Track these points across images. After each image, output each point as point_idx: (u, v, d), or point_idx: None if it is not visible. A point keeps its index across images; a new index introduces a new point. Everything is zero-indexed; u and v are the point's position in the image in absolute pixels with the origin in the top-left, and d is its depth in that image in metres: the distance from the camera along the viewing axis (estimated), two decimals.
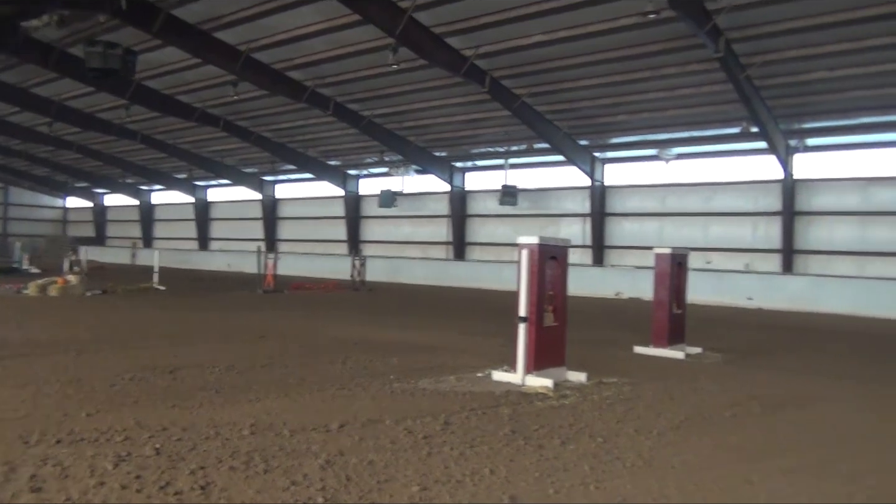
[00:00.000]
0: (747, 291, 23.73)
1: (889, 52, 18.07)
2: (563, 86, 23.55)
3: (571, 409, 6.86)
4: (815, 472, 5.06)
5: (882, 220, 23.11)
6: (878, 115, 22.06)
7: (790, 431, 6.39)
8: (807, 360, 11.66)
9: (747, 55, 19.19)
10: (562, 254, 8.74)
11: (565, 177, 30.34)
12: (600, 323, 16.42)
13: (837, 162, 24.41)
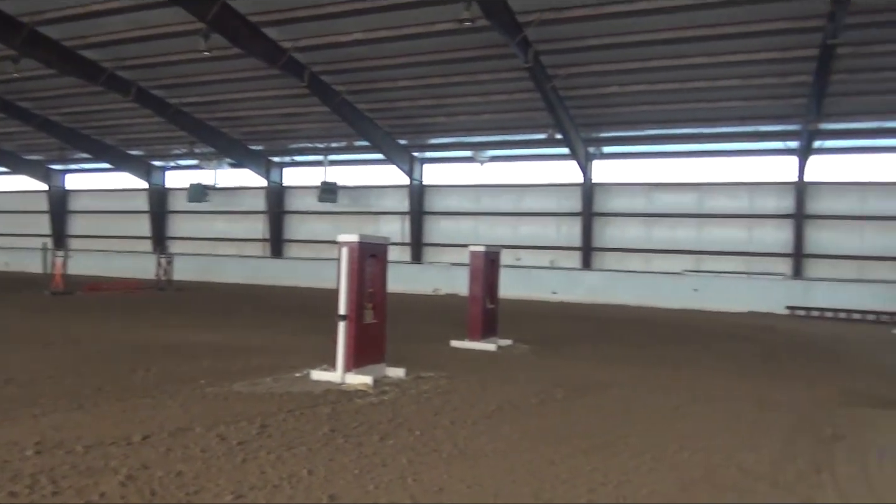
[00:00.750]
0: (552, 286, 25.66)
1: (671, 73, 20.45)
2: (382, 85, 23.76)
3: (391, 404, 6.94)
4: (610, 449, 5.57)
5: (663, 222, 26.15)
6: (661, 128, 24.88)
7: (589, 414, 6.99)
8: (604, 348, 12.84)
9: (553, 67, 20.69)
10: (381, 251, 8.81)
11: (385, 175, 30.68)
12: (419, 319, 16.81)
13: (628, 168, 27.20)
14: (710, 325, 18.55)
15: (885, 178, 23.39)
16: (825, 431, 6.59)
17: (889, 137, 22.85)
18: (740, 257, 24.83)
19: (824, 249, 23.91)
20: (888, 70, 18.92)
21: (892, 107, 20.92)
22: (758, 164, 25.24)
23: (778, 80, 20.24)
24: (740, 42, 18.31)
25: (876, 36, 17.23)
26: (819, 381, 9.83)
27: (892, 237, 22.99)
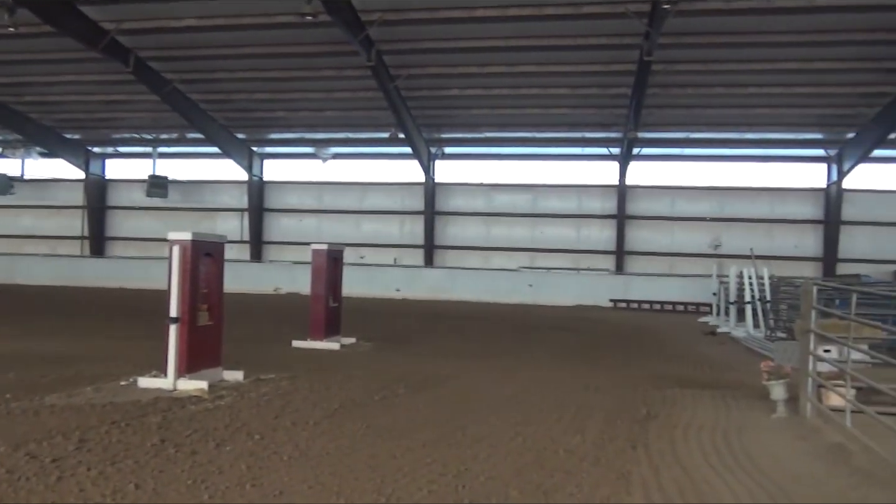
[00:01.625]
0: (395, 283, 25.91)
1: (506, 79, 21.43)
2: (218, 75, 22.66)
3: (228, 409, 6.66)
4: (449, 440, 5.75)
5: (501, 221, 27.36)
6: (498, 131, 25.98)
7: (430, 408, 7.15)
8: (446, 343, 13.20)
9: (396, 67, 20.87)
10: (218, 250, 8.41)
11: (222, 170, 29.24)
12: (260, 319, 16.25)
13: (469, 169, 28.08)
14: (544, 318, 19.69)
15: (693, 183, 26.20)
16: (641, 412, 7.26)
17: (696, 147, 25.60)
18: (570, 254, 26.62)
19: (641, 247, 26.30)
20: (694, 86, 21.16)
21: (699, 119, 23.42)
22: (585, 168, 27.21)
23: (601, 91, 21.93)
24: (568, 54, 19.61)
25: (685, 56, 19.22)
26: (637, 367, 10.81)
27: (697, 236, 25.79)
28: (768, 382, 6.93)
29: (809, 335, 6.81)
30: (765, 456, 5.57)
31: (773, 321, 15.19)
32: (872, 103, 21.02)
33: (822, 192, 25.25)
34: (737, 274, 18.45)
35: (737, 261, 21.14)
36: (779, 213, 25.50)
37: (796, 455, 5.58)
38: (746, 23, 17.20)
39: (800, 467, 5.21)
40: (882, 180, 24.93)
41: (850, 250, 24.59)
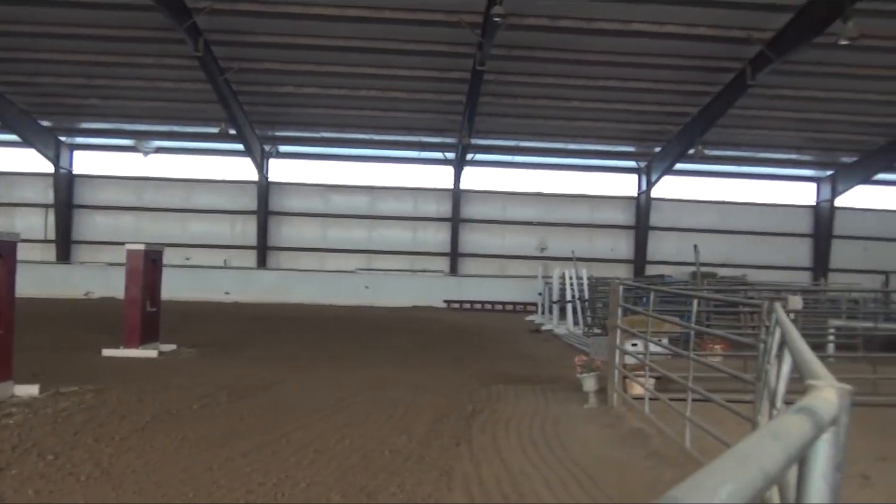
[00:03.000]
0: (225, 286, 24.67)
1: (343, 79, 21.20)
2: (20, 55, 20.27)
3: (17, 428, 5.91)
4: (272, 448, 5.53)
5: (338, 222, 27.05)
6: (335, 132, 25.66)
7: (254, 415, 6.85)
8: (277, 348, 12.74)
9: (226, 59, 19.89)
10: (8, 250, 7.47)
11: (22, 160, 26.14)
12: (66, 326, 14.68)
13: (305, 169, 27.44)
14: (380, 319, 19.72)
15: (522, 189, 27.59)
16: (467, 409, 7.47)
17: (525, 155, 27.00)
18: (406, 256, 26.94)
19: (475, 249, 27.27)
20: (523, 97, 22.29)
21: (528, 129, 24.71)
22: (422, 172, 27.67)
23: (437, 97, 22.44)
24: (406, 58, 19.83)
25: (515, 68, 20.19)
26: (467, 365, 11.13)
27: (526, 239, 27.23)
28: (581, 375, 7.43)
29: (616, 330, 7.40)
30: (576, 444, 5.95)
31: (590, 318, 16.37)
32: (676, 122, 23.43)
33: (634, 200, 27.71)
34: (559, 275, 19.68)
35: (561, 263, 22.56)
36: (597, 218, 27.61)
37: (603, 441, 6.02)
38: (570, 41, 18.42)
39: (605, 452, 5.63)
40: (683, 191, 27.87)
41: (657, 253, 27.23)
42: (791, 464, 0.95)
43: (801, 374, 1.90)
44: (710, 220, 27.50)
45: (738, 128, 23.26)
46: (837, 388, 1.27)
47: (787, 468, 0.92)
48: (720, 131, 22.94)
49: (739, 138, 24.34)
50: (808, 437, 1.02)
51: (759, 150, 25.63)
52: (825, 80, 19.72)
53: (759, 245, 27.52)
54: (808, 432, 1.02)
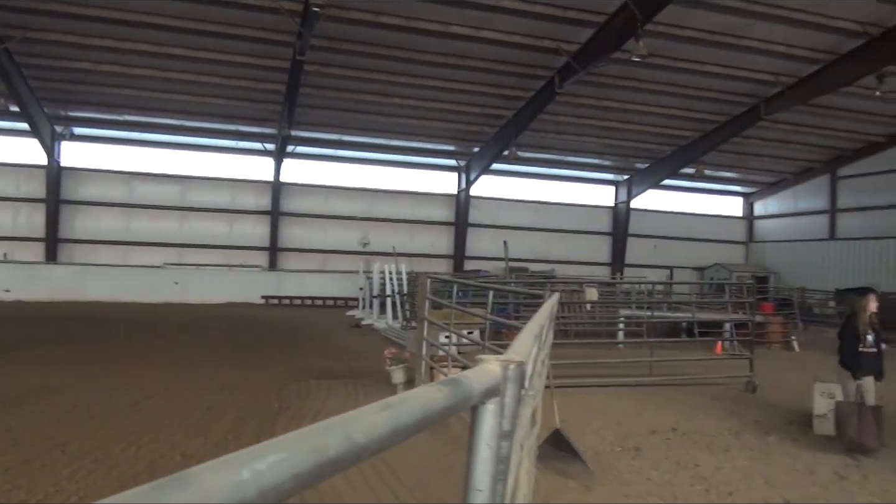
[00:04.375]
0: (4, 283, 21.82)
1: (149, 59, 19.56)
2: None
3: None
4: (42, 461, 4.95)
5: (144, 213, 25.00)
6: (141, 115, 23.63)
7: (25, 426, 6.08)
8: (62, 351, 11.46)
9: (7, 27, 17.55)
10: None
11: None
12: None
13: (105, 154, 24.99)
14: (190, 317, 18.54)
15: (345, 183, 27.34)
16: (273, 406, 7.22)
17: (348, 149, 26.76)
18: (222, 250, 25.58)
19: (295, 244, 26.58)
20: (347, 91, 22.03)
21: (351, 123, 24.47)
22: (239, 162, 26.40)
23: (254, 85, 21.47)
24: (220, 41, 18.72)
25: (337, 60, 19.87)
26: (281, 362, 10.79)
27: (349, 234, 27.03)
28: (390, 368, 7.49)
29: (424, 323, 7.54)
30: None
31: (409, 312, 16.62)
32: (493, 123, 24.51)
33: (454, 197, 28.61)
34: (380, 270, 19.77)
35: (383, 258, 22.68)
36: (419, 214, 28.15)
37: None
38: (392, 38, 18.49)
39: (408, 441, 5.69)
40: (499, 190, 29.28)
41: (475, 249, 28.36)
42: (403, 433, 0.97)
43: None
44: (524, 218, 29.17)
45: (548, 132, 24.87)
46: (502, 361, 1.34)
47: (393, 437, 0.93)
48: (532, 134, 24.39)
49: (549, 142, 26.03)
50: (441, 407, 1.06)
51: (566, 153, 27.60)
52: (622, 92, 21.68)
53: (567, 242, 29.69)
54: (440, 402, 1.06)
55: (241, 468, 0.71)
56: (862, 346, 7.20)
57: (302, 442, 0.81)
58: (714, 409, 8.79)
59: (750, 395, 9.88)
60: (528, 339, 2.10)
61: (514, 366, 1.35)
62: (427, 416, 1.04)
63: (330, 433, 0.85)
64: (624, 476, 5.95)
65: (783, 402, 9.28)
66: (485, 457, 1.26)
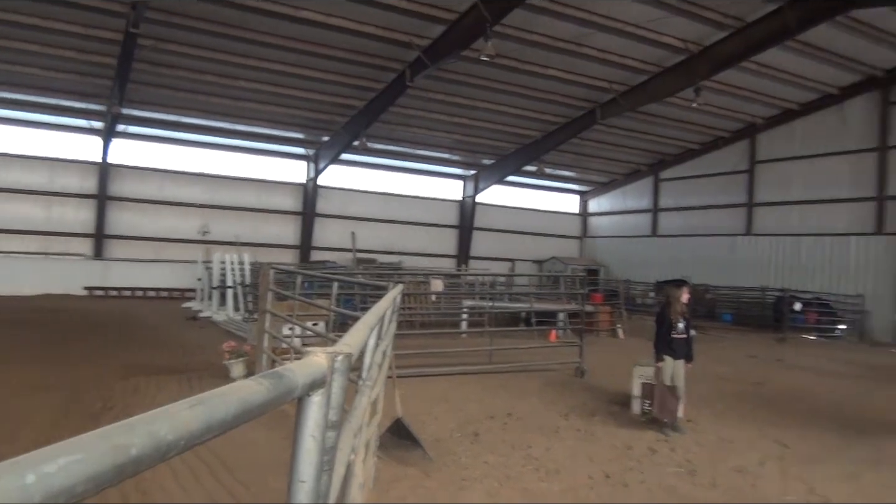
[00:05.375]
0: None
1: None
2: None
3: None
4: None
5: None
6: None
7: None
8: None
9: None
10: None
11: None
12: None
13: None
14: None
15: (183, 168, 25.72)
16: (96, 406, 6.68)
17: (187, 131, 25.16)
18: (38, 237, 23.09)
19: (125, 231, 24.58)
20: (186, 70, 20.68)
21: (190, 104, 22.97)
22: (61, 140, 23.91)
23: (80, 56, 19.48)
24: (39, 6, 16.82)
25: (175, 36, 18.59)
26: (107, 358, 9.96)
27: (187, 221, 25.48)
28: (228, 361, 7.19)
29: (266, 315, 7.32)
30: None
31: (251, 304, 16.03)
32: (344, 113, 24.20)
33: (302, 186, 27.96)
34: (220, 260, 18.88)
35: (225, 247, 21.66)
36: (265, 203, 27.18)
37: (246, 426, 5.89)
38: (236, 17, 17.61)
39: (246, 436, 5.51)
40: (349, 180, 29.03)
41: (323, 240, 27.93)
42: (218, 428, 0.96)
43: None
44: (373, 209, 29.16)
45: (399, 125, 25.02)
46: (329, 353, 1.36)
47: (206, 433, 0.93)
48: (383, 126, 24.43)
49: (400, 134, 26.20)
50: (261, 401, 1.06)
51: (416, 146, 27.93)
52: (471, 90, 22.31)
53: (415, 234, 30.09)
54: (260, 395, 1.07)
55: (27, 472, 0.68)
56: (674, 333, 7.99)
57: (101, 441, 0.78)
58: (546, 394, 9.36)
59: (579, 379, 10.63)
60: (362, 331, 2.11)
61: (341, 357, 1.36)
62: (246, 411, 1.02)
63: (133, 431, 0.82)
64: (462, 460, 6.17)
65: (608, 385, 10.07)
66: (309, 448, 1.26)
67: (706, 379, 10.79)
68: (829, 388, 11.25)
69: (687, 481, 5.95)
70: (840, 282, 22.79)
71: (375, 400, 4.11)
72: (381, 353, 3.74)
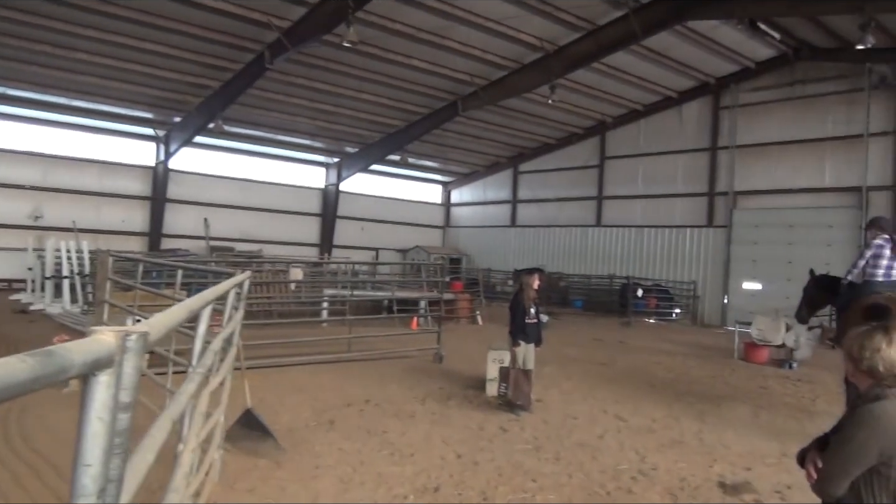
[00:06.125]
0: None
1: None
2: None
3: None
4: None
5: None
6: None
7: None
8: None
9: None
10: None
11: None
12: None
13: None
14: None
15: (11, 146, 23.09)
16: None
17: (15, 106, 22.58)
18: None
19: None
20: (14, 37, 18.42)
21: (18, 75, 20.46)
22: None
23: None
24: None
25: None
26: None
27: (15, 205, 22.89)
28: None
29: (104, 305, 6.79)
30: (44, 432, 5.27)
31: (91, 295, 14.82)
32: (197, 93, 22.86)
33: (151, 169, 26.16)
34: (55, 247, 17.27)
35: (60, 234, 19.82)
36: (108, 187, 25.11)
37: (70, 424, 5.44)
38: None
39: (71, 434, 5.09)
40: (204, 165, 27.56)
41: (176, 227, 26.34)
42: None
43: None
44: (231, 195, 27.92)
45: (258, 108, 24.06)
46: (119, 331, 1.29)
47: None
48: (241, 109, 23.39)
49: (259, 118, 25.21)
50: (24, 378, 1.00)
51: (277, 132, 27.03)
52: (334, 76, 21.89)
53: (276, 222, 29.18)
54: (23, 373, 1.00)
55: None
56: (528, 318, 8.34)
57: None
58: (405, 380, 9.45)
59: (437, 365, 10.83)
60: (177, 313, 1.99)
61: (135, 336, 1.27)
62: (6, 388, 0.92)
63: None
64: (316, 448, 6.08)
65: (465, 369, 10.34)
66: (96, 430, 1.17)
67: (555, 361, 11.39)
68: (665, 366, 12.26)
69: (533, 457, 6.24)
70: (676, 270, 24.87)
71: (217, 390, 3.94)
72: (222, 341, 3.58)
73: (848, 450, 2.47)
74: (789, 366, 12.74)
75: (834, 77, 20.78)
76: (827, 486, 2.52)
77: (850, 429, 2.50)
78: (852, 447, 2.45)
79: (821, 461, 2.57)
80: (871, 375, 2.53)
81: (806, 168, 21.48)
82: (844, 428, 2.54)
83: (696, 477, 5.87)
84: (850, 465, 2.45)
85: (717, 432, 7.46)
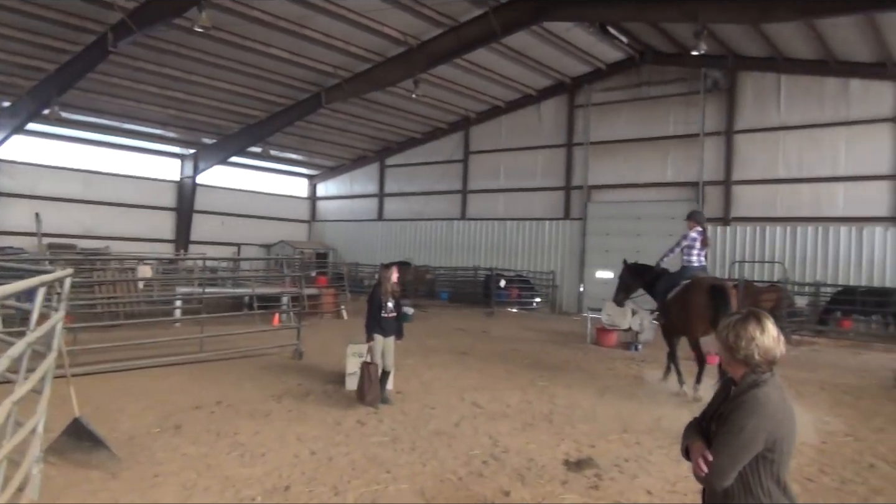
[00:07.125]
0: None
1: None
2: None
3: None
4: None
5: None
6: None
7: None
8: None
9: None
10: None
11: None
12: None
13: None
14: None
15: None
16: None
17: None
18: None
19: None
20: None
21: None
22: None
23: None
24: None
25: None
26: None
27: None
28: None
29: None
30: None
31: None
32: (29, 76, 20.74)
33: None
34: None
35: None
36: None
37: None
38: None
39: None
40: (40, 155, 25.12)
41: (4, 222, 23.82)
42: None
43: None
44: (71, 188, 25.64)
45: (102, 94, 22.24)
46: None
47: None
48: (81, 95, 21.53)
49: (103, 105, 23.31)
50: None
51: (124, 120, 25.14)
52: (187, 62, 20.65)
53: (125, 216, 27.18)
54: None
55: None
56: (384, 312, 8.29)
57: None
58: (261, 378, 9.14)
59: (297, 361, 10.57)
60: None
61: None
62: None
63: None
64: (157, 455, 5.73)
65: (325, 364, 10.17)
66: None
67: (418, 352, 11.49)
68: (522, 353, 12.73)
69: (389, 448, 6.25)
70: (537, 260, 25.91)
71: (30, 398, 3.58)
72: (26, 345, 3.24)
73: (740, 440, 2.46)
74: (635, 348, 13.67)
75: (675, 80, 22.50)
76: (719, 479, 2.51)
77: (738, 419, 2.49)
78: (744, 437, 2.46)
79: (710, 454, 2.53)
80: (747, 364, 2.57)
81: (651, 164, 23.10)
82: (731, 418, 2.52)
83: (543, 457, 6.13)
84: (741, 454, 2.47)
85: (566, 413, 7.84)
